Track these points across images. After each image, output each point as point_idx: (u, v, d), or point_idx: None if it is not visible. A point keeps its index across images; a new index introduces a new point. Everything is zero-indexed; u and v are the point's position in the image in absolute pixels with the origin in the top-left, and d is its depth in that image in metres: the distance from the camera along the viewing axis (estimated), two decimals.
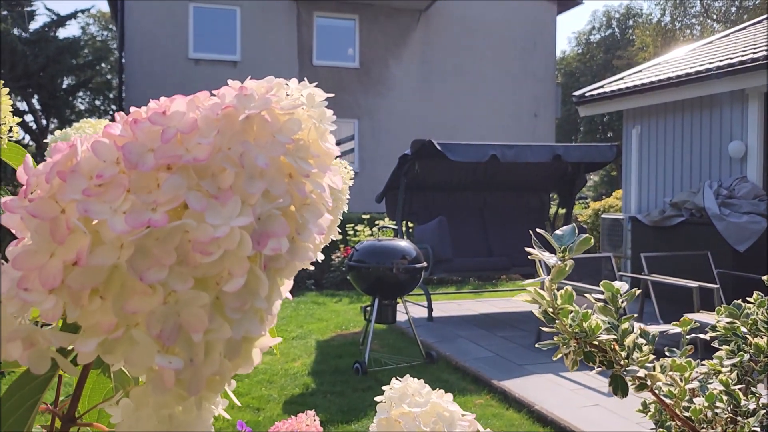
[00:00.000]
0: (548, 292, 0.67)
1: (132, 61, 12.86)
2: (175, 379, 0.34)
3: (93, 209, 0.32)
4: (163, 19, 12.91)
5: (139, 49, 12.81)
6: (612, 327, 0.80)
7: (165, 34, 12.88)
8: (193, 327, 0.33)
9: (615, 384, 0.80)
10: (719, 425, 0.94)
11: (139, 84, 12.78)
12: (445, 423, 0.59)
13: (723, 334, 1.13)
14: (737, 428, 0.91)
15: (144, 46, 12.80)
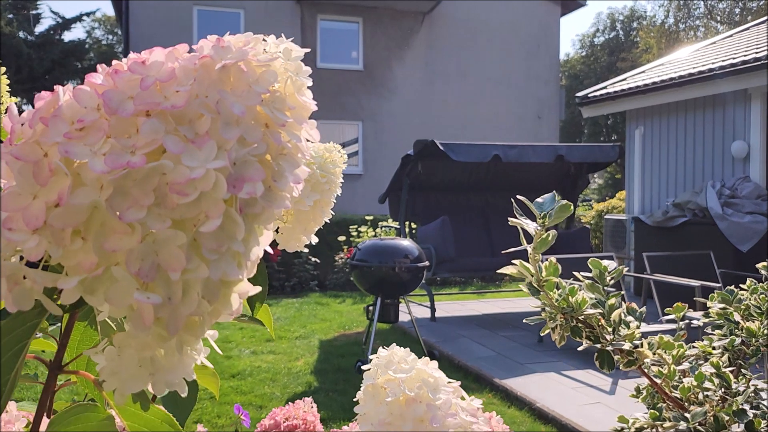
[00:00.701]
0: (532, 263, 0.67)
1: None
2: (154, 317, 0.35)
3: (74, 151, 0.34)
4: (168, 21, 12.96)
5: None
6: (599, 303, 0.81)
7: (169, 36, 12.94)
8: (170, 266, 0.34)
9: (601, 359, 0.81)
10: (709, 405, 0.95)
11: None
12: (429, 388, 0.60)
13: (716, 319, 1.14)
14: (725, 406, 0.92)
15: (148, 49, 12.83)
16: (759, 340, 1.06)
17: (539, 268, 0.69)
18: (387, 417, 0.58)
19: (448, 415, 0.58)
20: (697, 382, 0.94)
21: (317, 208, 0.94)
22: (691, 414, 0.89)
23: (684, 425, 0.88)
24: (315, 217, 0.96)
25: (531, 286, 0.69)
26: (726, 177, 6.90)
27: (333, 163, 0.96)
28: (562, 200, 0.64)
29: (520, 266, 0.69)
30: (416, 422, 0.57)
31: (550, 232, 0.64)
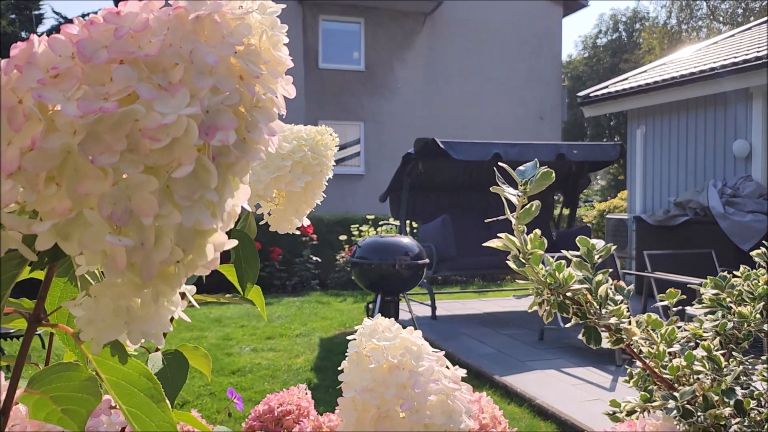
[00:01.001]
0: (517, 234, 0.68)
1: None
2: (127, 262, 0.35)
3: (47, 96, 0.34)
4: None
5: None
6: (586, 280, 0.81)
7: None
8: (143, 211, 0.35)
9: (588, 334, 0.81)
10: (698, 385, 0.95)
11: None
12: (412, 356, 0.60)
13: (709, 305, 1.14)
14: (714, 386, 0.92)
15: None
16: (751, 324, 1.06)
17: (524, 241, 0.69)
18: (370, 383, 0.59)
19: (430, 381, 0.58)
20: (686, 362, 0.95)
21: (309, 190, 0.95)
22: (680, 393, 0.89)
23: (673, 404, 0.89)
24: (307, 198, 0.97)
25: (516, 259, 0.70)
26: (728, 176, 6.90)
27: (325, 145, 0.96)
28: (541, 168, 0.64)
29: (505, 239, 0.69)
30: (399, 388, 0.58)
31: (534, 202, 0.65)
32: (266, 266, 8.33)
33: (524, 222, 0.66)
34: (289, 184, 0.92)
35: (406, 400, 0.57)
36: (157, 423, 0.44)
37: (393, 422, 0.58)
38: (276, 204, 0.98)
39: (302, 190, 0.94)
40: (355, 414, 0.59)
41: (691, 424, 0.90)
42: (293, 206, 0.97)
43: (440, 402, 0.59)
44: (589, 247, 0.83)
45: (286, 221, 0.99)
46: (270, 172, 0.92)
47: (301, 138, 0.95)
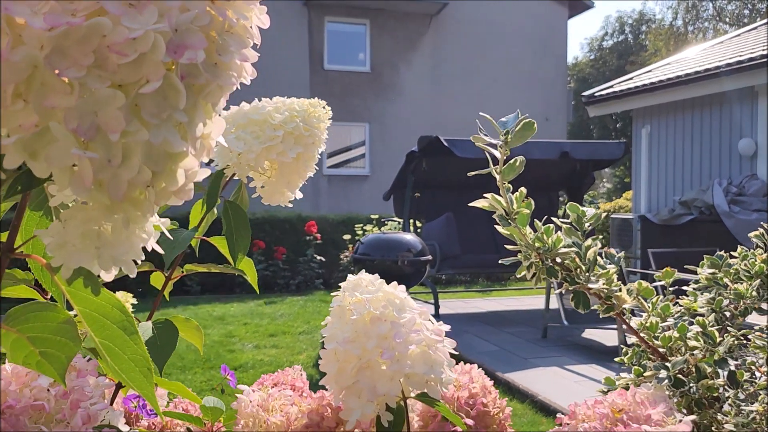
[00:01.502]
0: (502, 192, 0.67)
1: None
2: (95, 179, 0.35)
3: (14, 9, 0.34)
4: None
5: None
6: (575, 245, 0.81)
7: None
8: (110, 127, 0.35)
9: (577, 299, 0.80)
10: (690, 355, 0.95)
11: None
12: (395, 308, 0.60)
13: (705, 285, 1.14)
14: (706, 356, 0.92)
15: None
16: (747, 302, 1.06)
17: (510, 200, 0.68)
18: (351, 335, 0.59)
19: (411, 332, 0.58)
20: (679, 333, 0.94)
21: (300, 161, 0.95)
22: (672, 363, 0.89)
23: (664, 374, 0.88)
24: (298, 170, 0.97)
25: (502, 218, 0.69)
26: (733, 175, 6.87)
27: (317, 117, 0.96)
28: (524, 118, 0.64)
29: (491, 198, 0.69)
30: (380, 339, 0.57)
31: (518, 158, 0.64)
32: (270, 265, 8.34)
33: (508, 179, 0.65)
34: (280, 154, 0.92)
35: (387, 350, 0.57)
36: (129, 355, 0.44)
37: (374, 372, 0.57)
38: (268, 177, 0.98)
39: (294, 162, 0.94)
40: (336, 365, 0.59)
41: (683, 394, 0.90)
42: (285, 178, 0.97)
43: (422, 352, 0.58)
44: (579, 213, 0.82)
45: (278, 193, 0.99)
46: (261, 143, 0.92)
47: (293, 110, 0.95)
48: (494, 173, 0.64)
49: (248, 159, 0.92)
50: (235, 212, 0.95)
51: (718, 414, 0.91)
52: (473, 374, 0.94)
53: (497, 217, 0.69)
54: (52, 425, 0.67)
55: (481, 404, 0.87)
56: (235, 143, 0.92)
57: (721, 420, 0.90)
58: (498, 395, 0.94)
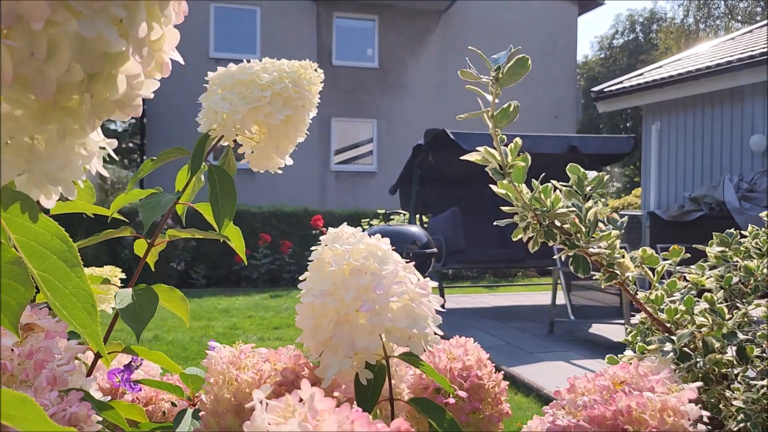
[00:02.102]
0: (495, 141, 0.63)
1: None
2: (16, 73, 0.31)
3: None
4: (185, 18, 13.00)
5: None
6: (576, 207, 0.76)
7: (186, 33, 12.92)
8: (32, 14, 0.31)
9: (576, 263, 0.76)
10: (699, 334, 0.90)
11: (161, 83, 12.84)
12: (377, 260, 0.56)
13: (714, 262, 1.09)
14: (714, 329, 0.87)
15: None
16: (758, 279, 1.01)
17: (504, 153, 0.64)
18: (329, 287, 0.54)
19: (393, 284, 0.54)
20: (686, 306, 0.89)
21: (290, 125, 0.91)
22: (678, 336, 0.84)
23: (669, 347, 0.83)
24: (288, 134, 0.93)
25: (496, 172, 0.65)
26: (744, 171, 6.78)
27: (308, 80, 0.92)
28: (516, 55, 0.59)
29: (483, 151, 0.64)
30: (360, 291, 0.53)
31: (512, 102, 0.60)
32: (276, 259, 8.31)
33: (501, 126, 0.61)
34: (267, 116, 0.88)
35: (366, 303, 0.52)
36: (71, 290, 0.40)
37: (352, 327, 0.53)
38: (257, 141, 0.94)
39: (283, 125, 0.90)
40: (312, 320, 0.54)
41: (689, 369, 0.85)
42: (273, 141, 0.93)
43: (404, 306, 0.54)
44: (579, 175, 0.78)
45: (267, 158, 0.95)
46: (248, 103, 0.88)
47: (282, 70, 0.91)
48: (485, 119, 0.60)
49: (234, 120, 0.88)
50: (220, 176, 0.92)
51: (726, 391, 0.86)
52: (468, 347, 0.90)
53: (490, 171, 0.64)
54: (14, 386, 0.64)
55: (475, 376, 0.83)
56: (221, 104, 0.88)
57: (729, 396, 0.85)
58: (494, 369, 0.90)
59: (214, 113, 0.89)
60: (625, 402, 0.60)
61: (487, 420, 0.83)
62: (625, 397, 0.61)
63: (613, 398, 0.62)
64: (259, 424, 0.38)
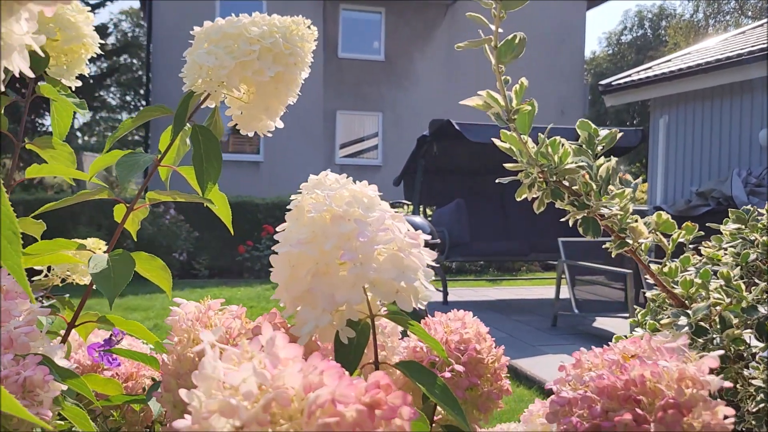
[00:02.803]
0: (499, 82, 0.57)
1: (158, 55, 12.94)
2: None
3: None
4: (190, 13, 12.94)
5: (166, 43, 12.87)
6: (587, 166, 0.70)
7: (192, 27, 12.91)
8: None
9: (586, 225, 0.70)
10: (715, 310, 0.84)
11: (166, 78, 12.83)
12: (362, 207, 0.50)
13: (730, 240, 1.03)
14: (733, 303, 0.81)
15: (171, 41, 12.86)
16: None
17: (509, 98, 0.57)
18: (308, 236, 0.48)
19: (379, 231, 0.48)
20: (702, 279, 0.83)
21: (280, 83, 0.85)
22: (693, 309, 0.78)
23: (684, 320, 0.77)
24: (278, 94, 0.87)
25: (498, 117, 0.58)
26: (753, 165, 6.68)
27: (300, 36, 0.86)
28: None
29: (486, 95, 0.58)
30: (341, 239, 0.47)
31: (518, 33, 0.53)
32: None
33: (506, 61, 0.54)
34: (256, 72, 0.82)
35: (348, 251, 0.46)
36: None
37: (333, 278, 0.47)
38: (246, 101, 0.89)
39: (272, 83, 0.84)
40: (289, 271, 0.48)
41: (705, 346, 0.79)
42: (263, 101, 0.87)
43: (391, 256, 0.48)
44: (590, 132, 0.71)
45: (256, 119, 0.90)
46: (235, 58, 0.81)
47: (273, 25, 0.85)
48: (487, 53, 0.54)
49: (220, 76, 0.81)
50: (205, 137, 0.86)
51: (743, 370, 0.80)
52: (467, 320, 0.84)
53: (492, 115, 0.58)
54: None
55: (473, 350, 0.77)
56: (206, 58, 0.82)
57: (747, 376, 0.79)
58: (494, 344, 0.84)
59: (198, 68, 0.83)
60: (638, 371, 0.54)
61: (485, 397, 0.77)
62: (639, 366, 0.55)
63: (625, 368, 0.56)
64: (209, 371, 0.32)
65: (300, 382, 0.32)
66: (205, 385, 0.32)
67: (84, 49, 0.99)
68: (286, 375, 0.31)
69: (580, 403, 0.56)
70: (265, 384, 0.31)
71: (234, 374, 0.31)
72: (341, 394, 0.32)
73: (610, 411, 0.53)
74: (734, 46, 7.58)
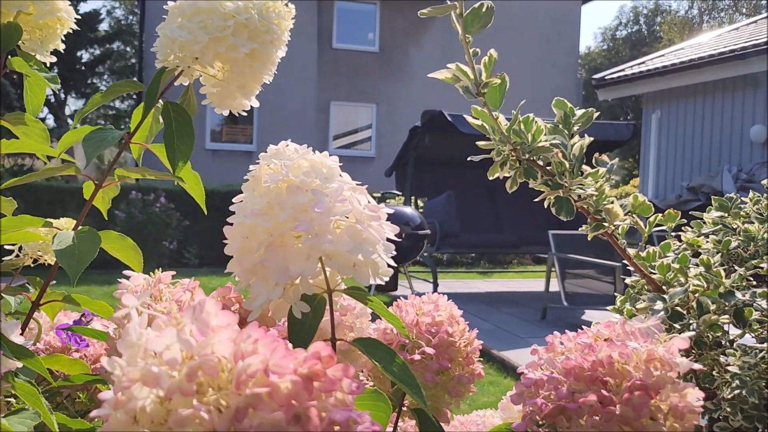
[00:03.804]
0: (467, 53, 0.55)
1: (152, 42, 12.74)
2: None
3: None
4: None
5: None
6: (561, 145, 0.68)
7: None
8: None
9: (559, 205, 0.68)
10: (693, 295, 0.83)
11: None
12: (320, 177, 0.48)
13: (712, 228, 1.02)
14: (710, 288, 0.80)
15: None
16: (758, 243, 0.93)
17: (478, 71, 0.55)
18: (263, 207, 0.46)
19: (337, 202, 0.46)
20: (680, 265, 0.82)
21: (255, 60, 0.83)
22: (670, 294, 0.76)
23: (660, 305, 0.76)
24: (253, 71, 0.85)
25: (467, 90, 0.57)
26: (744, 161, 6.70)
27: (277, 13, 0.84)
28: None
29: (454, 68, 0.56)
30: (296, 210, 0.45)
31: (485, 2, 0.52)
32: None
33: (473, 31, 0.52)
34: (230, 48, 0.80)
35: (303, 222, 0.44)
36: None
37: (287, 250, 0.45)
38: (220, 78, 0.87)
39: (248, 60, 0.82)
40: (242, 242, 0.47)
41: (681, 331, 0.77)
42: (237, 78, 0.85)
43: (348, 227, 0.46)
44: (566, 110, 0.70)
45: (230, 97, 0.88)
46: (208, 33, 0.79)
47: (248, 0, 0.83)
48: (454, 22, 0.52)
49: (193, 51, 0.79)
50: (177, 113, 0.84)
51: (720, 356, 0.79)
52: (440, 303, 0.83)
53: (460, 88, 0.56)
54: None
55: (445, 332, 0.76)
56: (178, 32, 0.79)
57: (723, 362, 0.78)
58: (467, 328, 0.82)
59: (171, 43, 0.80)
60: (606, 352, 0.53)
61: (456, 381, 0.76)
62: (607, 347, 0.53)
63: (593, 348, 0.54)
64: (133, 338, 0.30)
65: (230, 350, 0.30)
66: (128, 352, 0.30)
67: (59, 24, 0.97)
68: (215, 342, 0.30)
69: (547, 384, 0.54)
70: (191, 351, 0.29)
71: (157, 340, 0.29)
72: (276, 365, 0.30)
73: (577, 392, 0.52)
74: (728, 41, 7.58)
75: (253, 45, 0.80)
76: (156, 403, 0.29)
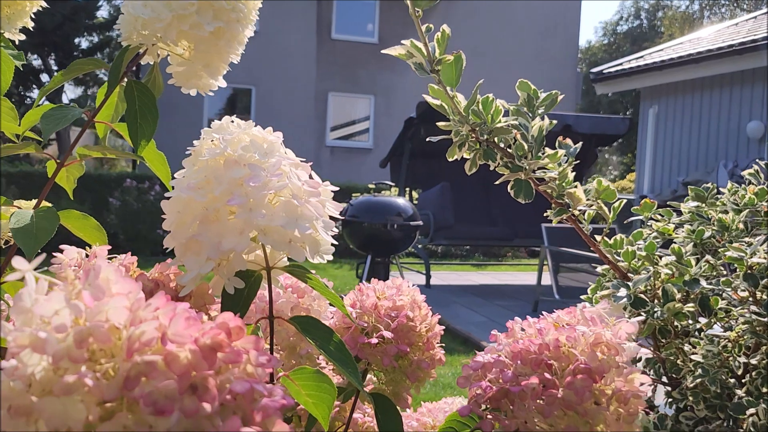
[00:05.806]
0: (419, 30, 0.53)
1: None
2: None
3: None
4: None
5: None
6: (521, 127, 0.67)
7: None
8: None
9: (517, 188, 0.67)
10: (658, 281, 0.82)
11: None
12: (260, 152, 0.47)
13: (688, 219, 1.01)
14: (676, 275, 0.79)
15: None
16: (732, 234, 0.92)
17: (432, 48, 0.54)
18: (200, 181, 0.45)
19: (273, 176, 0.45)
20: (647, 252, 0.81)
21: (221, 40, 0.82)
22: (634, 281, 0.76)
23: (623, 292, 0.75)
24: (219, 50, 0.84)
25: (420, 68, 0.55)
26: (740, 157, 6.69)
27: None
28: None
29: (408, 44, 0.55)
30: (232, 184, 0.44)
31: None
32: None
33: (422, 5, 0.51)
34: (194, 26, 0.78)
35: (237, 196, 0.43)
36: None
37: (222, 225, 0.44)
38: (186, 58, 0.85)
39: (213, 39, 0.80)
40: (177, 217, 0.46)
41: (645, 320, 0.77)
42: (203, 57, 0.84)
43: (284, 203, 0.45)
44: (530, 92, 0.68)
45: (195, 77, 0.86)
46: (171, 10, 0.77)
47: None
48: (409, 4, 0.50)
49: (156, 28, 0.78)
50: (140, 92, 0.82)
51: (684, 345, 0.78)
52: (403, 288, 0.82)
53: (413, 64, 0.55)
54: None
55: (404, 317, 0.75)
56: (141, 10, 0.78)
57: (687, 351, 0.77)
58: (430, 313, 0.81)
59: (134, 21, 0.79)
60: (553, 335, 0.52)
61: (416, 365, 0.75)
62: (554, 330, 0.52)
63: (542, 332, 0.53)
64: (27, 304, 0.29)
65: (126, 317, 0.29)
66: (21, 318, 0.29)
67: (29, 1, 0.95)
68: (109, 309, 0.29)
69: (494, 368, 0.53)
70: (81, 317, 0.28)
71: (45, 305, 0.28)
72: (175, 333, 0.29)
73: (522, 376, 0.51)
74: (726, 37, 7.55)
75: (218, 23, 0.78)
76: (48, 371, 0.28)
